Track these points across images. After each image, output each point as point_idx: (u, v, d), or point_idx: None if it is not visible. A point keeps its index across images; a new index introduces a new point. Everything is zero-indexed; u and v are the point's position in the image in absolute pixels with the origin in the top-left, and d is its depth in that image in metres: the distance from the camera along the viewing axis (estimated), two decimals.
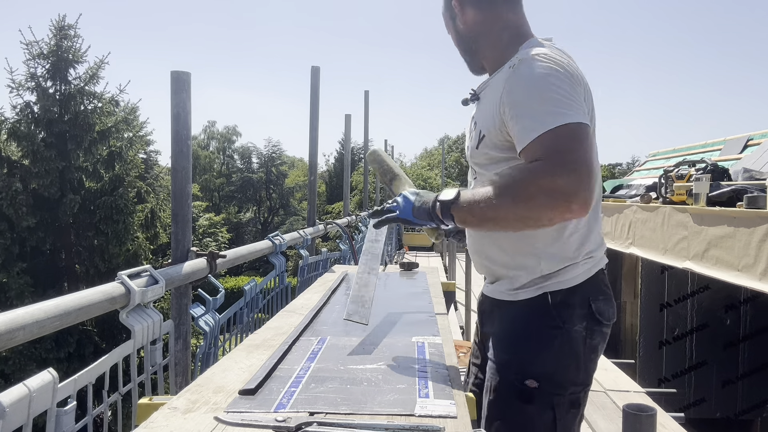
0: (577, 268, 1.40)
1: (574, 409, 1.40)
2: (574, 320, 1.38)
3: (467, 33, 1.51)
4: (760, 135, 8.03)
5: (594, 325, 1.40)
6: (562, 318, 1.38)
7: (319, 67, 4.47)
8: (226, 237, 30.10)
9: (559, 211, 1.19)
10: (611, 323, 1.44)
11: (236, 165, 46.87)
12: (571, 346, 1.38)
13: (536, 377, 1.36)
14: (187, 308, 2.08)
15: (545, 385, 1.36)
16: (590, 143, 1.22)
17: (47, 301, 1.28)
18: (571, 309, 1.38)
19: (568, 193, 1.17)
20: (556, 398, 1.36)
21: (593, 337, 1.40)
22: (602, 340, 1.43)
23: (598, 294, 1.42)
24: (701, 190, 4.71)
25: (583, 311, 1.39)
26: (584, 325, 1.38)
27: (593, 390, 4.32)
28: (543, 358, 1.37)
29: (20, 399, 1.03)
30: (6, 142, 11.97)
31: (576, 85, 1.28)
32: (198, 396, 1.17)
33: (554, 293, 1.39)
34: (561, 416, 1.37)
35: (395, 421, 1.04)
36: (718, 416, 6.45)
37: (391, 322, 1.83)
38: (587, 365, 1.41)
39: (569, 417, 1.39)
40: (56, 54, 12.19)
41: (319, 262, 3.98)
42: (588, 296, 1.40)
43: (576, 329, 1.38)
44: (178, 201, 2.09)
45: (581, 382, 1.41)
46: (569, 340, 1.37)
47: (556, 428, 1.36)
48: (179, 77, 2.05)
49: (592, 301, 1.40)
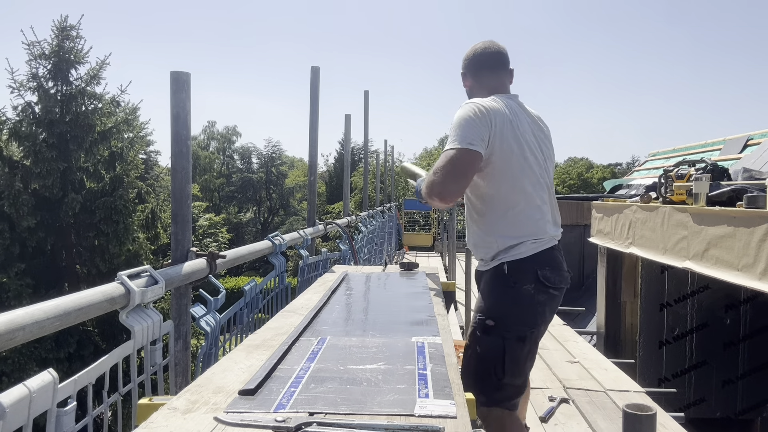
0: (524, 246, 2.03)
1: (520, 342, 2.02)
2: (524, 281, 2.01)
3: (467, 93, 2.29)
4: (759, 135, 8.04)
5: (540, 287, 2.01)
6: (514, 279, 2.02)
7: (318, 67, 4.47)
8: (226, 237, 30.09)
9: (432, 200, 2.01)
10: (558, 287, 2.06)
11: (236, 165, 46.88)
12: (520, 299, 2.01)
13: (493, 318, 2.03)
14: (187, 308, 2.08)
15: (498, 323, 2.02)
16: (464, 162, 1.93)
17: (47, 301, 1.28)
18: (521, 273, 2.02)
19: (435, 190, 1.96)
20: (506, 333, 2.01)
21: (539, 294, 2.01)
22: (549, 298, 2.04)
23: (545, 265, 2.03)
24: (701, 189, 4.70)
25: (531, 276, 2.01)
26: (532, 286, 2.00)
27: (593, 390, 4.32)
28: (498, 306, 2.04)
29: (20, 399, 1.03)
30: (7, 143, 11.96)
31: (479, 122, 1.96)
32: (198, 396, 1.17)
33: (509, 263, 2.03)
34: (509, 346, 2.00)
35: (395, 421, 1.04)
36: (718, 416, 6.45)
37: (391, 322, 1.84)
38: (534, 313, 2.03)
39: (515, 347, 2.01)
40: (58, 55, 12.18)
41: (319, 262, 3.98)
42: (535, 266, 2.02)
43: (525, 288, 2.01)
44: (178, 201, 2.09)
45: (527, 324, 2.02)
46: (518, 295, 2.01)
47: (504, 354, 2.00)
48: (179, 77, 2.05)
49: (538, 269, 2.01)
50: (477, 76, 2.23)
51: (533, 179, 2.06)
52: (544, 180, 2.10)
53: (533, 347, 2.07)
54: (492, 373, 2.01)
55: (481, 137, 1.93)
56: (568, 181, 41.80)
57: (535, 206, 2.07)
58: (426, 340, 1.59)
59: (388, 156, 15.99)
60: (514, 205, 2.04)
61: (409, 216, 18.13)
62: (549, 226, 2.10)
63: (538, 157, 2.09)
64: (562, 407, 3.91)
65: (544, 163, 2.12)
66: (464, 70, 2.28)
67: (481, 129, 1.94)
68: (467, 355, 2.09)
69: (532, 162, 2.05)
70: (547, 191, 2.13)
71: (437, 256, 14.93)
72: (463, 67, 2.29)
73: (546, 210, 2.10)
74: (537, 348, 2.11)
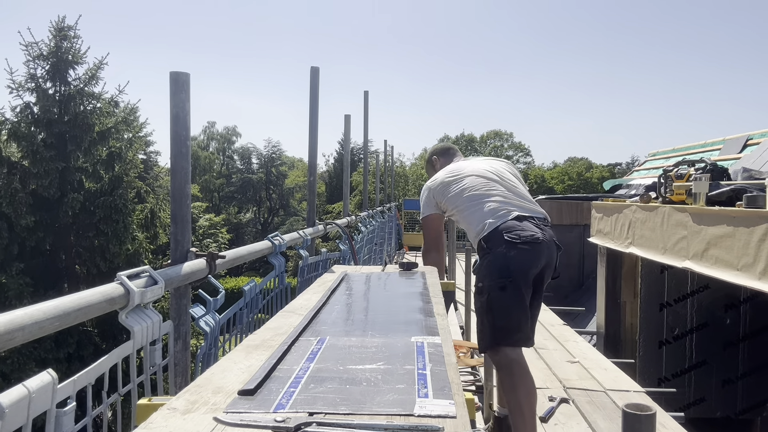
0: (487, 225, 2.79)
1: (501, 291, 2.66)
2: (497, 246, 2.71)
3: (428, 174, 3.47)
4: (759, 135, 8.04)
5: (510, 245, 2.67)
6: (489, 247, 2.76)
7: (318, 68, 4.47)
8: (226, 237, 30.10)
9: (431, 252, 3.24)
10: (527, 242, 2.67)
11: (236, 166, 46.90)
12: (495, 259, 2.71)
13: (480, 280, 2.78)
14: (187, 309, 2.08)
15: (484, 282, 2.74)
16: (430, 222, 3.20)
17: (46, 301, 1.28)
18: (492, 242, 2.75)
19: (426, 250, 3.27)
20: (490, 287, 2.70)
21: (510, 250, 2.67)
22: (520, 252, 2.66)
23: (510, 230, 2.71)
24: (701, 189, 4.71)
25: (499, 239, 2.71)
26: (503, 246, 2.69)
27: (593, 390, 4.32)
28: (482, 270, 2.78)
29: (20, 400, 1.03)
30: (6, 143, 11.97)
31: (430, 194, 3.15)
32: (197, 396, 1.17)
33: (483, 238, 2.80)
34: (492, 295, 2.68)
35: (394, 421, 1.04)
36: (718, 416, 6.46)
37: (391, 322, 1.83)
38: (507, 266, 2.67)
39: (497, 295, 2.67)
40: (56, 55, 12.19)
41: (319, 262, 3.98)
42: (502, 232, 2.72)
43: (498, 250, 2.70)
44: (177, 201, 2.09)
45: (503, 276, 2.66)
46: (494, 257, 2.71)
47: (492, 303, 2.68)
48: (178, 78, 2.05)
49: (505, 233, 2.70)
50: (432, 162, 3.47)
51: (487, 188, 2.93)
52: (498, 185, 2.94)
53: (517, 294, 2.65)
54: (488, 322, 2.69)
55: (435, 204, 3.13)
56: (567, 181, 41.81)
57: (493, 201, 2.88)
58: (425, 339, 1.59)
59: (388, 156, 15.99)
60: (476, 207, 2.90)
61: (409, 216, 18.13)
62: (513, 209, 2.82)
63: (490, 174, 3.00)
64: (562, 407, 3.91)
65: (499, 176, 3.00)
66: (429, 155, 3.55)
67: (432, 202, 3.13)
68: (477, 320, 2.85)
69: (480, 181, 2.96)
70: (506, 190, 2.92)
71: None
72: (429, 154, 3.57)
73: (507, 200, 2.88)
74: (526, 300, 2.70)
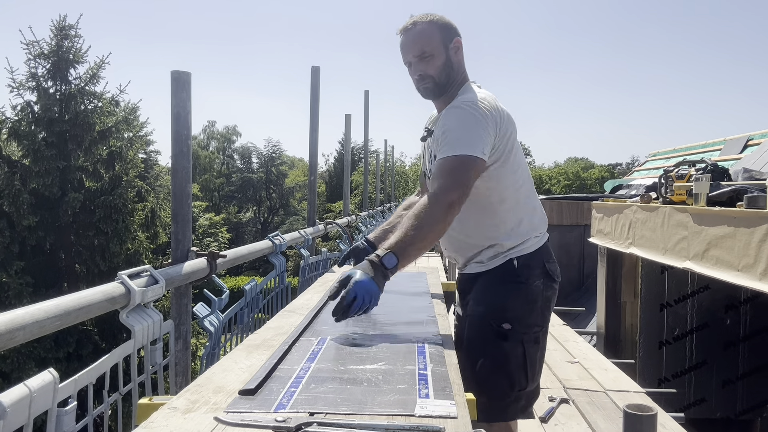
0: (530, 241, 1.93)
1: (536, 343, 1.90)
2: (534, 277, 1.89)
3: (456, 66, 1.92)
4: (760, 135, 8.03)
5: (548, 281, 1.92)
6: (525, 276, 1.88)
7: (319, 67, 4.47)
8: (226, 237, 30.10)
9: (453, 214, 1.71)
10: (559, 280, 1.97)
11: (236, 165, 46.89)
12: (533, 296, 1.88)
13: (510, 321, 1.84)
14: (188, 308, 2.09)
15: (516, 326, 1.84)
16: (474, 171, 1.75)
17: (47, 301, 1.28)
18: (530, 269, 1.89)
19: (455, 205, 1.71)
20: (524, 336, 1.86)
21: (548, 290, 1.92)
22: (554, 293, 1.95)
23: (549, 258, 1.96)
24: (701, 190, 4.70)
25: (539, 270, 1.91)
26: (541, 281, 1.90)
27: (593, 390, 4.32)
28: (513, 306, 1.86)
29: (21, 399, 1.03)
30: (6, 142, 11.97)
31: (486, 125, 1.77)
32: (198, 396, 1.17)
33: (518, 258, 1.90)
34: (528, 348, 1.86)
35: (395, 421, 1.03)
36: (718, 416, 6.45)
37: (392, 322, 1.83)
38: (543, 311, 1.91)
39: (533, 350, 1.89)
40: (57, 54, 12.18)
41: (320, 262, 3.98)
42: (542, 260, 1.93)
43: (535, 284, 1.89)
44: (178, 201, 2.09)
45: (540, 324, 1.91)
46: (531, 291, 1.88)
47: (525, 358, 1.85)
48: (179, 77, 2.05)
49: (546, 263, 1.93)
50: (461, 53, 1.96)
51: (527, 173, 2.01)
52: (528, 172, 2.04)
53: (544, 347, 1.97)
54: (515, 383, 1.85)
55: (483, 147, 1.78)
56: (564, 181, 41.71)
57: (538, 202, 2.04)
58: (426, 340, 1.59)
59: (389, 156, 15.99)
60: (527, 200, 1.97)
61: None
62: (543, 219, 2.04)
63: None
64: (562, 407, 3.90)
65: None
66: (459, 36, 1.94)
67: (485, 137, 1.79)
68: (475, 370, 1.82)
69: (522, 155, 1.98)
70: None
71: (437, 256, 14.91)
72: (455, 32, 1.93)
73: (538, 203, 2.04)
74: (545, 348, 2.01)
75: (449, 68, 1.90)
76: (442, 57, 1.88)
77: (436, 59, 1.87)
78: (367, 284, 1.58)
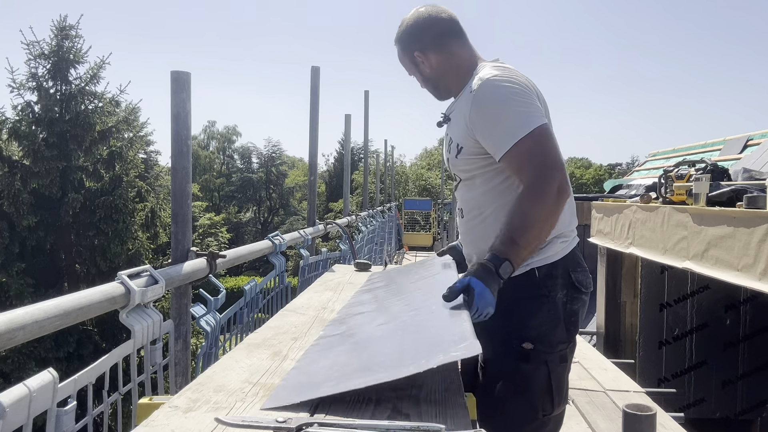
0: (555, 246, 1.65)
1: (563, 363, 1.65)
2: (557, 289, 1.63)
3: (434, 75, 1.79)
4: (759, 135, 8.03)
5: (574, 293, 1.66)
6: (548, 288, 1.63)
7: (319, 67, 4.47)
8: (226, 237, 30.10)
9: (563, 198, 1.52)
10: (589, 291, 1.70)
11: (236, 165, 46.89)
12: (556, 310, 1.63)
13: (531, 340, 1.59)
14: (187, 308, 2.09)
15: (539, 345, 1.60)
16: (554, 138, 1.59)
17: (47, 301, 1.28)
18: (554, 279, 1.63)
19: (563, 184, 1.52)
20: (549, 356, 1.61)
21: (573, 303, 1.66)
22: (582, 305, 1.69)
23: (576, 266, 1.68)
24: (701, 190, 4.70)
25: (563, 281, 1.64)
26: (565, 293, 1.64)
27: (593, 390, 4.32)
28: (535, 323, 1.61)
29: (20, 399, 1.03)
30: (7, 142, 11.98)
31: (529, 92, 1.59)
32: (199, 395, 1.17)
33: (540, 268, 1.63)
34: (553, 370, 1.62)
35: (396, 420, 1.04)
36: (717, 416, 6.45)
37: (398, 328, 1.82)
38: (569, 326, 1.65)
39: (559, 370, 1.64)
40: (57, 54, 12.19)
41: (319, 262, 3.98)
42: (568, 268, 1.66)
43: (559, 296, 1.63)
44: (178, 201, 2.09)
45: (567, 340, 1.65)
46: (554, 305, 1.63)
47: (550, 380, 1.61)
48: (179, 77, 2.05)
49: (571, 272, 1.66)
50: (447, 46, 1.75)
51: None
52: None
53: (570, 363, 1.71)
54: (539, 409, 1.62)
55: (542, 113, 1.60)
56: None
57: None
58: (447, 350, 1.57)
59: (389, 156, 15.99)
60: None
61: (409, 216, 18.13)
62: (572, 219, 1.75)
63: None
64: None
65: None
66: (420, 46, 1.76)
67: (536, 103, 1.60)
68: (493, 395, 1.62)
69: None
70: None
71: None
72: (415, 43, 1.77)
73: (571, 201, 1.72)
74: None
75: (433, 77, 1.79)
76: (418, 74, 1.82)
77: (417, 74, 1.83)
78: (487, 298, 1.42)
